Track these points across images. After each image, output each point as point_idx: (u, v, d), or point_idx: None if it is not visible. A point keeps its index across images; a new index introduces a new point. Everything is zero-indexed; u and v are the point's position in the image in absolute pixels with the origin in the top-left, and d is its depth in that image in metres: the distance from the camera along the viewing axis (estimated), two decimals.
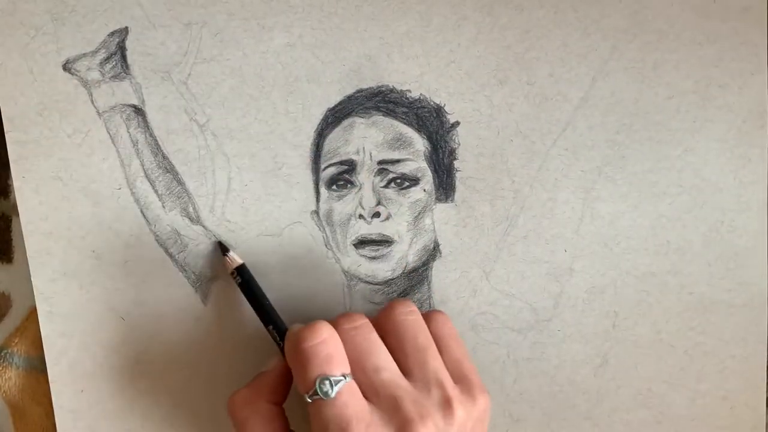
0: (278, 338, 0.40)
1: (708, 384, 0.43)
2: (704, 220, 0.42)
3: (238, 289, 0.42)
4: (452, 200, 0.43)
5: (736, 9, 0.41)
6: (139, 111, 0.42)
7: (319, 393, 0.35)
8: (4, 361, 0.45)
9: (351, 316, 0.38)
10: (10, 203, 0.44)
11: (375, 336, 0.38)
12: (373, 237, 0.43)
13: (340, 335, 0.37)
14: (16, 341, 0.45)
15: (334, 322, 0.38)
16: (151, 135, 0.43)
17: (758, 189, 0.42)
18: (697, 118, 0.42)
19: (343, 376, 0.35)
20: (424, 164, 0.43)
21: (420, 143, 0.43)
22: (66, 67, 0.42)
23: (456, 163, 0.43)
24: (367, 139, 0.42)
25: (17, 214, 0.44)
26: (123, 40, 0.42)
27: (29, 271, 0.43)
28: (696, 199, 0.42)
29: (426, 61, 0.42)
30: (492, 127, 0.42)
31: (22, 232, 0.43)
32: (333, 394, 0.35)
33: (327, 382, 0.35)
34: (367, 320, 0.38)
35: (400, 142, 0.42)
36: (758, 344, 0.43)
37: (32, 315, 0.45)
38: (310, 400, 0.35)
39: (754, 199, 0.42)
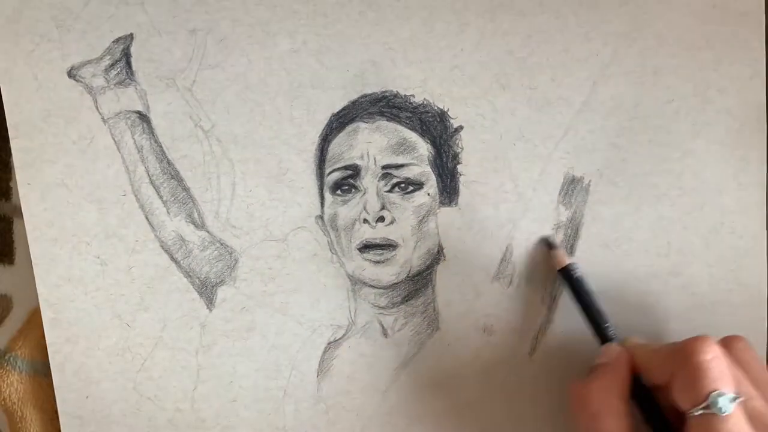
0: (608, 338, 0.40)
1: None
2: (704, 222, 0.43)
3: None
4: (456, 204, 0.43)
5: (735, 13, 0.41)
6: (143, 117, 0.43)
7: (713, 408, 0.34)
8: (7, 365, 0.45)
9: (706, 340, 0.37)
10: (11, 205, 0.45)
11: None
12: (378, 241, 0.43)
13: None
14: (19, 345, 0.45)
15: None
16: (156, 141, 0.43)
17: (757, 191, 0.43)
18: (696, 121, 0.42)
19: (738, 396, 0.35)
20: (427, 168, 0.43)
21: (424, 148, 0.43)
22: (71, 73, 0.42)
23: (459, 167, 0.43)
24: (371, 143, 0.43)
25: (18, 216, 0.44)
26: (128, 47, 0.42)
27: (30, 273, 0.43)
28: (696, 201, 0.43)
29: (429, 66, 0.42)
30: (495, 131, 0.43)
31: (23, 234, 0.43)
32: (730, 410, 0.34)
33: (722, 398, 0.34)
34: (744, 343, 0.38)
35: (404, 146, 0.43)
36: (758, 344, 0.43)
37: (34, 317, 0.45)
38: (696, 413, 0.35)
39: (754, 200, 0.43)
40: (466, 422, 0.44)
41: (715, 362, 0.35)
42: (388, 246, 0.43)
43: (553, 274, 0.43)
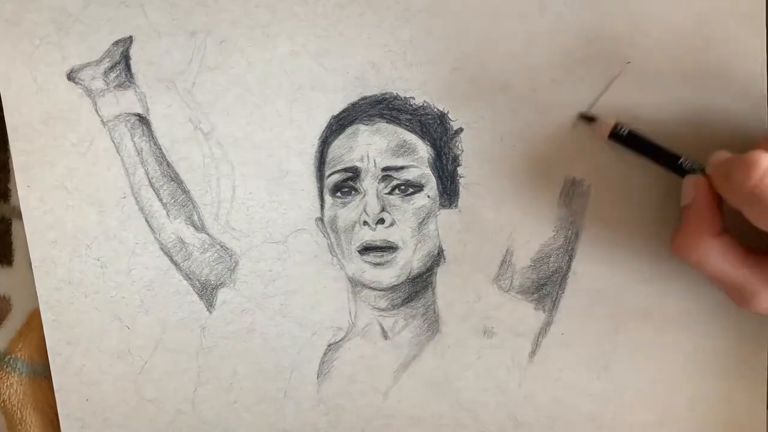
0: (686, 171, 0.39)
1: (709, 386, 0.44)
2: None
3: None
4: (456, 206, 0.43)
5: (735, 15, 0.41)
6: (143, 120, 0.43)
7: None
8: (7, 367, 0.45)
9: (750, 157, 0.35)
10: (10, 206, 0.45)
11: None
12: (378, 243, 0.43)
13: None
14: (19, 346, 0.45)
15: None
16: (156, 143, 0.43)
17: None
18: (697, 123, 0.42)
19: None
20: (427, 171, 0.43)
21: (424, 150, 0.43)
22: (70, 76, 0.42)
23: (459, 170, 0.43)
24: (371, 146, 0.43)
25: (17, 218, 0.44)
26: (127, 49, 0.42)
27: (29, 274, 0.44)
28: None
29: (429, 68, 0.42)
30: (495, 133, 0.43)
31: (22, 235, 0.43)
32: None
33: None
34: None
35: (404, 148, 0.43)
36: (758, 345, 0.43)
37: (33, 319, 0.45)
38: None
39: None
40: (466, 424, 0.44)
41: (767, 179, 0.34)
42: (388, 248, 0.43)
43: (556, 276, 0.43)
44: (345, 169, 0.43)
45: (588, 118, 0.42)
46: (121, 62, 0.42)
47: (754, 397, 0.44)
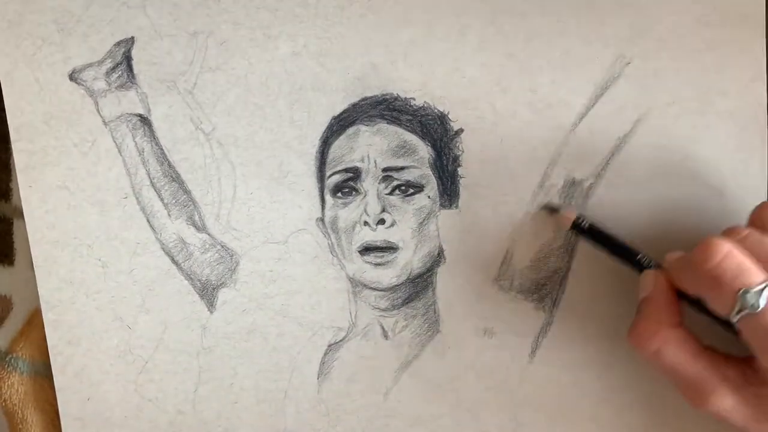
0: (644, 267, 0.39)
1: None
2: (705, 225, 0.43)
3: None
4: (456, 206, 0.43)
5: (736, 16, 0.41)
6: (145, 120, 0.43)
7: (746, 308, 0.33)
8: (8, 366, 0.45)
9: (735, 230, 0.36)
10: (11, 206, 0.45)
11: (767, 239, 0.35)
12: (378, 244, 0.43)
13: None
14: (21, 346, 0.45)
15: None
16: (157, 144, 0.43)
17: (758, 194, 0.43)
18: (697, 124, 0.42)
19: (765, 282, 0.33)
20: (428, 171, 0.43)
21: (424, 150, 0.43)
22: (72, 76, 0.42)
23: (460, 170, 0.43)
24: (371, 146, 0.43)
25: (19, 217, 0.44)
26: (129, 50, 0.42)
27: (31, 274, 0.44)
28: (697, 205, 0.43)
29: (430, 69, 0.42)
30: (495, 133, 0.43)
31: (23, 234, 0.43)
32: (763, 304, 0.33)
33: (749, 294, 0.33)
34: (750, 228, 0.37)
35: (404, 149, 0.43)
36: None
37: (34, 318, 0.45)
38: (736, 319, 0.33)
39: (755, 203, 0.42)
40: (467, 425, 0.44)
41: (727, 261, 0.34)
42: (389, 248, 0.43)
43: (556, 276, 0.43)
44: (346, 170, 0.43)
45: (551, 209, 0.42)
46: (122, 63, 0.42)
47: None
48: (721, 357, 0.37)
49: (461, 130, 0.43)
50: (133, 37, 0.42)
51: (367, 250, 0.43)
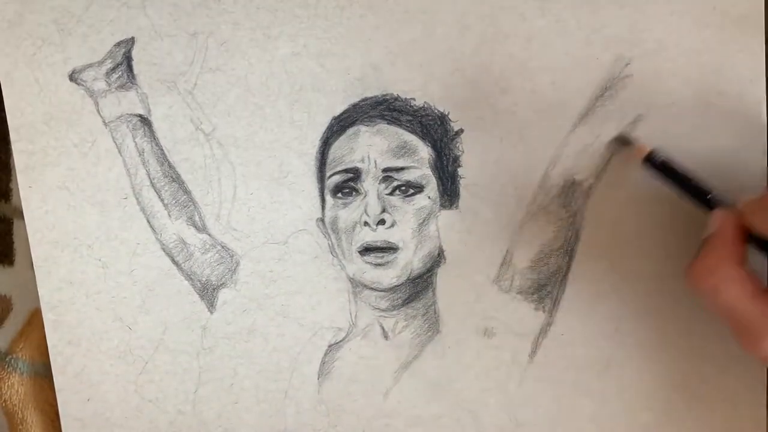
0: (714, 206, 0.39)
1: (709, 386, 0.44)
2: (705, 226, 0.43)
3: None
4: (456, 207, 0.43)
5: (734, 17, 0.41)
6: (145, 120, 0.43)
7: None
8: (8, 367, 0.45)
9: None
10: (11, 206, 0.45)
11: None
12: (378, 244, 0.43)
13: None
14: (21, 346, 0.45)
15: None
16: (157, 144, 0.43)
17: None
18: (696, 125, 0.42)
19: None
20: (428, 171, 0.43)
21: (424, 151, 0.43)
22: (72, 77, 0.42)
23: (460, 171, 0.43)
24: (372, 147, 0.43)
25: (19, 217, 0.44)
26: (129, 50, 0.42)
27: (31, 274, 0.44)
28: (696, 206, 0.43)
29: (430, 69, 0.42)
30: (495, 134, 0.43)
31: (23, 235, 0.43)
32: None
33: None
34: None
35: (404, 149, 0.43)
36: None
37: (34, 319, 0.45)
38: None
39: None
40: (466, 425, 0.44)
41: None
42: (389, 249, 0.43)
43: (556, 277, 0.43)
44: (346, 170, 0.43)
45: (624, 141, 0.42)
46: (122, 63, 0.42)
47: (754, 397, 0.44)
48: None
49: (461, 131, 0.43)
50: (133, 38, 0.42)
51: (367, 250, 0.43)
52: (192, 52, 0.42)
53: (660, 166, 0.40)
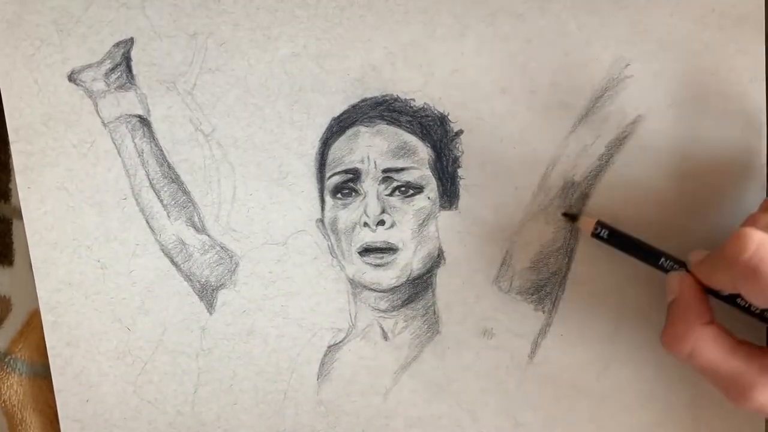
0: (668, 269, 0.39)
1: (708, 386, 0.44)
2: (705, 226, 0.43)
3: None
4: (456, 208, 0.43)
5: (734, 18, 0.41)
6: (144, 121, 0.43)
7: None
8: (7, 367, 0.45)
9: (753, 218, 0.36)
10: (10, 206, 0.45)
11: None
12: (378, 245, 0.43)
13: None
14: (20, 347, 0.45)
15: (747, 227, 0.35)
16: (157, 145, 0.43)
17: (758, 196, 0.43)
18: (696, 125, 0.42)
19: None
20: (428, 172, 0.43)
21: (424, 151, 0.43)
22: (71, 77, 0.42)
23: (460, 171, 0.43)
24: (371, 147, 0.43)
25: (18, 218, 0.44)
26: (128, 51, 0.42)
27: (30, 275, 0.44)
28: (696, 206, 0.43)
29: (430, 70, 0.42)
30: (495, 135, 0.43)
31: (22, 235, 0.43)
32: None
33: None
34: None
35: (404, 150, 0.43)
36: (757, 343, 0.44)
37: (33, 319, 0.45)
38: None
39: (754, 205, 0.43)
40: (466, 425, 0.44)
41: (763, 249, 0.33)
42: (389, 249, 0.43)
43: (556, 277, 0.43)
44: (345, 171, 0.43)
45: (571, 216, 0.42)
46: (122, 64, 0.42)
47: None
48: (758, 350, 0.37)
49: (461, 131, 0.43)
50: (132, 38, 0.42)
51: (366, 251, 0.43)
52: (191, 52, 0.42)
53: (608, 237, 0.41)
